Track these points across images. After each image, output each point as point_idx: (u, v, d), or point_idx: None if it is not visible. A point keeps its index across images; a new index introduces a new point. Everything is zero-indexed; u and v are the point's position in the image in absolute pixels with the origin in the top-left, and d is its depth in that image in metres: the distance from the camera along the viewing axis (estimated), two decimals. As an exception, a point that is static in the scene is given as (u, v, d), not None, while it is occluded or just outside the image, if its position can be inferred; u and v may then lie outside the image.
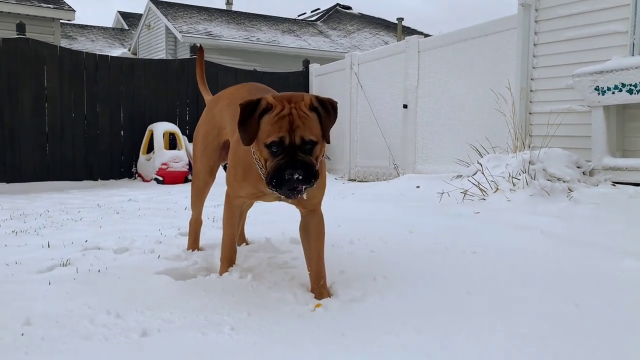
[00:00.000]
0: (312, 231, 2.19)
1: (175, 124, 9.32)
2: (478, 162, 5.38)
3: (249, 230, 3.12)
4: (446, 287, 2.13)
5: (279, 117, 1.81)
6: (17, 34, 8.06)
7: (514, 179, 4.08)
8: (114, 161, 8.88)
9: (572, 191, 4.05)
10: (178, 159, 8.43)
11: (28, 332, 1.65)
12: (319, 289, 2.06)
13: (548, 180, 4.86)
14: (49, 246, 2.99)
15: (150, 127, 8.83)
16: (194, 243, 2.88)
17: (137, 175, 9.00)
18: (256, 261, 2.50)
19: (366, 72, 9.27)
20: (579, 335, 1.64)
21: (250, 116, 1.82)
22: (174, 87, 9.41)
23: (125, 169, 8.99)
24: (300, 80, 10.80)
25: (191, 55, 9.77)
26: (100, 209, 4.89)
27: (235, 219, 2.41)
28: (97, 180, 8.68)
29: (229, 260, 2.38)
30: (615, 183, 4.93)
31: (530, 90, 6.26)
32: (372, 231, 3.18)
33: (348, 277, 2.26)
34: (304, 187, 1.82)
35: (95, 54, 8.69)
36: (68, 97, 8.40)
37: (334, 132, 7.72)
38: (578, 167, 5.13)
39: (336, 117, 1.96)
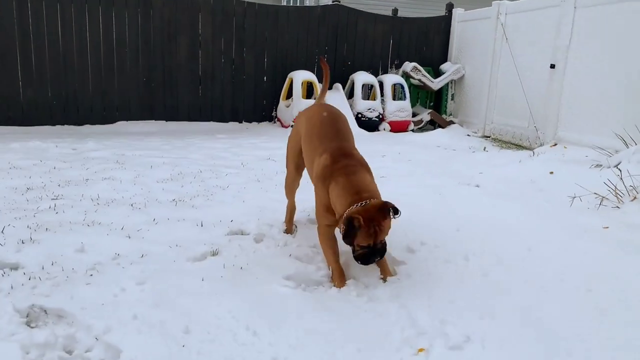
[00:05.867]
0: None
1: (314, 71, 9.64)
2: (622, 152, 5.04)
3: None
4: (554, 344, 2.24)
5: (368, 234, 2.54)
6: (177, -17, 8.70)
7: (655, 191, 3.82)
8: (257, 105, 9.52)
9: None
10: (314, 107, 8.79)
11: (187, 342, 2.11)
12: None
13: (702, 182, 4.47)
14: (202, 225, 3.52)
15: (290, 74, 9.24)
16: (289, 226, 3.54)
17: (276, 119, 9.59)
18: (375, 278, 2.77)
19: (513, 24, 8.69)
20: None
21: (352, 233, 2.54)
22: (315, 34, 9.63)
23: (266, 113, 9.61)
24: (442, 26, 10.42)
25: (333, 2, 9.82)
26: (243, 169, 5.45)
27: (330, 241, 2.90)
28: (241, 122, 9.42)
29: (341, 277, 2.75)
30: None
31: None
32: (490, 243, 3.27)
33: (456, 310, 2.44)
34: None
35: (244, 1, 9.11)
36: (219, 43, 9.03)
37: (472, 85, 7.74)
38: None
39: (398, 212, 2.63)
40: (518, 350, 2.15)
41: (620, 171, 4.16)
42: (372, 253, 2.61)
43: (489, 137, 9.24)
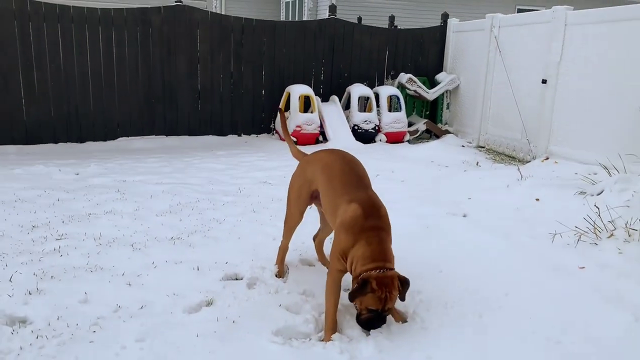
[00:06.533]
0: None
1: (311, 83, 9.80)
2: (605, 180, 5.21)
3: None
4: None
5: (379, 298, 2.76)
6: (175, 1, 8.84)
7: (630, 230, 4.00)
8: (255, 118, 9.70)
9: (697, 246, 3.88)
10: (311, 121, 8.98)
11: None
12: None
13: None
14: (198, 269, 3.72)
15: (287, 88, 9.40)
16: (281, 268, 3.73)
17: (274, 132, 9.77)
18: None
19: (506, 37, 8.83)
20: None
21: (362, 293, 2.75)
22: (312, 47, 9.78)
23: (265, 125, 9.79)
24: (437, 36, 10.54)
25: (329, 15, 9.94)
26: (240, 195, 5.64)
27: (336, 287, 3.01)
28: (240, 135, 9.60)
29: (332, 330, 2.92)
30: None
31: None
32: (471, 287, 3.47)
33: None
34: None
35: (242, 17, 9.26)
36: (217, 59, 9.19)
37: (467, 95, 8.01)
38: None
39: (409, 286, 2.92)
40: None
41: (598, 209, 4.32)
42: (378, 318, 2.82)
43: (484, 147, 9.40)
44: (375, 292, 2.71)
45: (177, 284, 3.49)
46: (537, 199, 5.32)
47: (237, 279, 3.63)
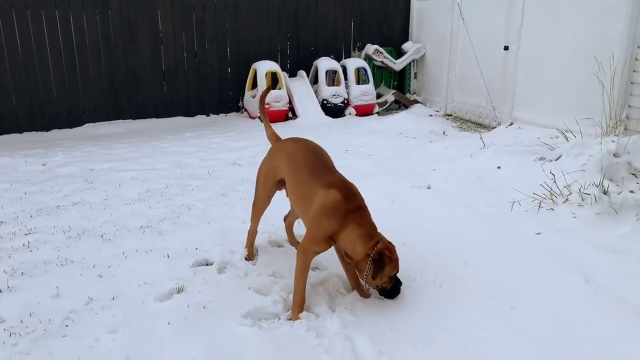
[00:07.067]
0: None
1: (277, 59, 9.76)
2: (563, 146, 5.39)
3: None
4: None
5: (395, 263, 3.03)
6: (133, -19, 8.64)
7: (583, 194, 4.18)
8: (223, 97, 9.65)
9: (645, 206, 4.08)
10: (279, 98, 8.98)
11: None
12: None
13: (632, 174, 4.85)
14: (168, 256, 3.79)
15: (254, 65, 9.34)
16: (250, 251, 3.81)
17: (244, 110, 9.74)
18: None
19: (468, 4, 8.87)
20: None
21: (383, 266, 2.96)
22: (276, 22, 9.70)
23: (233, 104, 9.76)
24: (401, 5, 10.56)
25: (291, -12, 9.85)
26: (210, 178, 5.69)
27: (307, 270, 3.11)
28: (208, 115, 9.56)
29: (300, 307, 3.04)
30: None
31: (636, 59, 5.87)
32: (432, 258, 3.62)
33: (394, 339, 2.79)
34: None
35: (202, -5, 9.13)
36: (180, 39, 9.07)
37: (433, 64, 8.10)
38: (671, 157, 4.98)
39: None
40: None
41: (554, 175, 4.49)
42: (398, 280, 3.10)
43: (451, 115, 9.55)
44: (391, 260, 2.97)
45: (148, 272, 3.56)
46: (499, 167, 5.47)
47: (207, 265, 3.71)
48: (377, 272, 2.95)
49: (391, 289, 3.08)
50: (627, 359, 2.58)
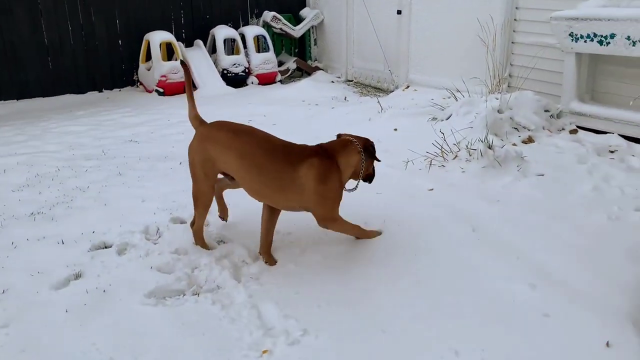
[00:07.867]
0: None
1: (171, 29, 9.37)
2: (453, 105, 5.69)
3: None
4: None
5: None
6: (1, -53, 7.87)
7: (470, 150, 4.46)
8: (115, 71, 9.15)
9: (524, 158, 4.44)
10: (176, 69, 8.66)
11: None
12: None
13: (514, 128, 5.25)
14: (63, 242, 3.61)
15: (146, 36, 8.91)
16: (203, 244, 3.51)
17: (139, 83, 9.31)
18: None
19: (362, -31, 8.96)
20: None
21: (373, 152, 3.45)
22: (167, -11, 9.28)
23: (127, 78, 9.29)
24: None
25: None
26: (105, 158, 5.44)
27: (350, 222, 3.43)
28: (101, 91, 9.05)
29: (368, 232, 3.53)
30: (578, 128, 5.28)
31: (514, 19, 6.27)
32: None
33: (300, 302, 2.87)
34: None
35: (84, -39, 8.50)
36: (62, 10, 8.44)
37: (331, 30, 8.18)
38: (546, 111, 5.44)
39: None
40: (345, 335, 2.63)
41: (443, 134, 4.74)
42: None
43: (352, 81, 9.71)
44: (374, 147, 3.48)
45: (41, 261, 3.37)
46: (395, 129, 5.69)
47: (105, 247, 3.57)
48: (373, 155, 3.42)
49: (374, 172, 3.55)
50: (509, 297, 2.83)
